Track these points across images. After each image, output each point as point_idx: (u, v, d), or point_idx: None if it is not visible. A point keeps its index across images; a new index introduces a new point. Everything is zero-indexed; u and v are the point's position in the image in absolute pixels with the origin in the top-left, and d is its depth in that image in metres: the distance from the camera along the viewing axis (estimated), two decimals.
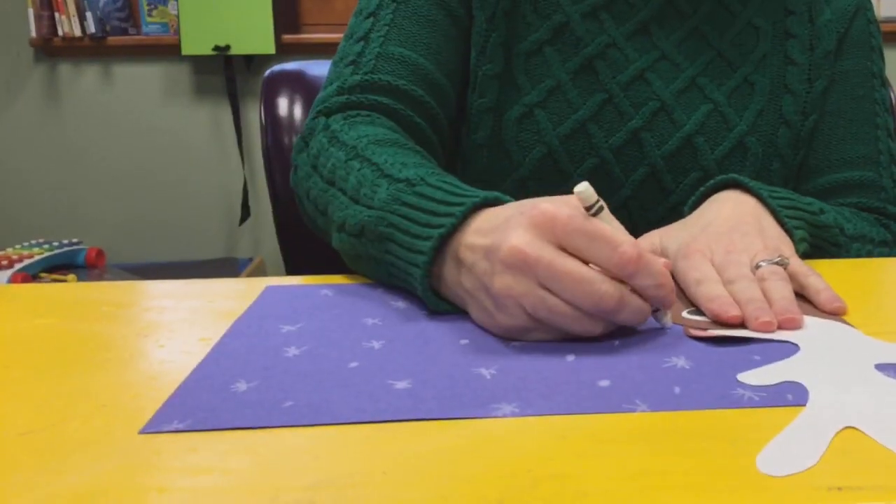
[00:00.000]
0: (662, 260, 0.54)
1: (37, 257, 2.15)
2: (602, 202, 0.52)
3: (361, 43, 0.82)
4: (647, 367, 0.47)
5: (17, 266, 2.09)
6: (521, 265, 0.50)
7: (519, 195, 0.78)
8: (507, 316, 0.52)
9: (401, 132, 0.76)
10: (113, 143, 2.40)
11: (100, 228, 2.44)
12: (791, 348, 0.50)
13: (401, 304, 0.59)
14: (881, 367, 0.47)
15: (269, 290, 0.63)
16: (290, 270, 1.03)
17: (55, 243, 2.25)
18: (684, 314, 0.56)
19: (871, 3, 0.90)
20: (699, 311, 0.57)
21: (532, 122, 0.82)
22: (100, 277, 2.23)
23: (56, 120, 2.39)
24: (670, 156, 0.82)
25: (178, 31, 2.22)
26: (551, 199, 0.53)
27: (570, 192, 0.67)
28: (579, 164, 0.82)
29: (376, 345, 0.51)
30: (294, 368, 0.48)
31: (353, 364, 0.48)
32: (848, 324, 0.54)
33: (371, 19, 0.83)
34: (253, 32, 2.19)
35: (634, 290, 0.51)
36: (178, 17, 2.20)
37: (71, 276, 2.15)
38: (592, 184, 0.74)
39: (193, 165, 2.37)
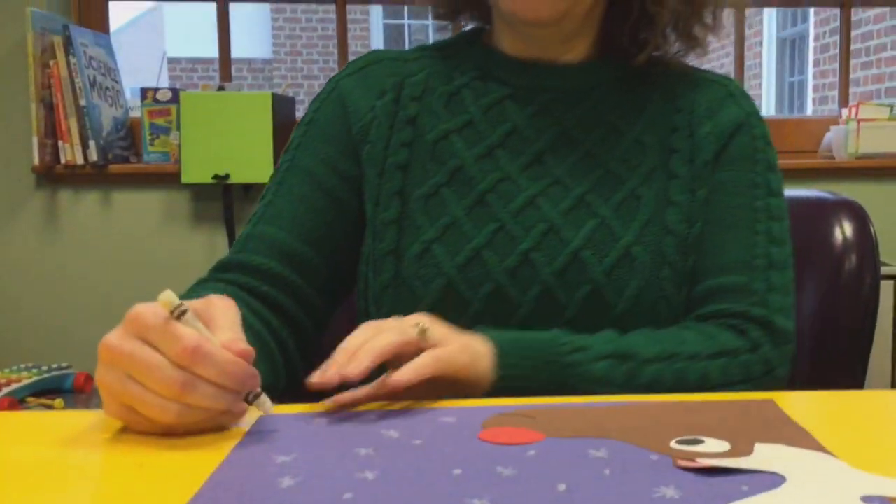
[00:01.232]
0: (238, 348, 0.59)
1: (24, 381, 2.14)
2: (185, 306, 0.59)
3: (247, 225, 0.91)
4: (637, 497, 0.48)
5: (5, 390, 2.07)
6: (110, 358, 0.58)
7: None
8: (107, 406, 0.60)
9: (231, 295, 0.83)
10: (108, 268, 2.42)
11: (89, 352, 2.43)
12: (779, 479, 0.51)
13: (393, 433, 0.60)
14: (867, 500, 0.47)
15: (262, 420, 0.64)
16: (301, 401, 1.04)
17: (43, 367, 2.24)
18: (672, 444, 0.57)
19: (758, 121, 0.93)
20: (688, 442, 0.57)
21: (430, 256, 0.86)
22: (87, 402, 2.21)
23: (53, 245, 2.42)
24: (560, 272, 0.84)
25: (178, 160, 2.28)
26: (146, 304, 0.60)
27: (472, 321, 0.83)
28: (477, 291, 0.85)
29: (370, 475, 0.52)
30: (289, 500, 0.48)
31: (348, 495, 0.49)
32: (833, 455, 0.55)
33: (260, 202, 0.92)
34: (253, 161, 2.25)
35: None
36: (179, 146, 2.26)
37: (58, 401, 2.13)
38: (491, 308, 0.85)
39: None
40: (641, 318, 0.84)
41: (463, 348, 0.72)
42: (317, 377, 0.66)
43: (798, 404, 0.67)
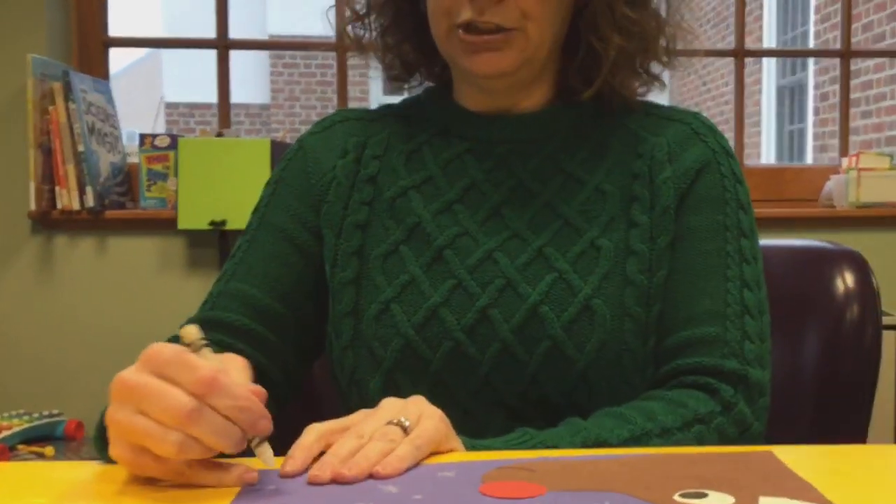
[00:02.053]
0: (252, 387, 0.59)
1: (15, 429, 2.12)
2: (205, 342, 0.59)
3: (217, 282, 0.91)
4: None
5: None
6: (123, 392, 0.58)
7: (388, 388, 0.85)
8: (114, 446, 0.59)
9: None
10: (103, 315, 2.41)
11: (81, 399, 2.41)
12: None
13: (392, 488, 0.59)
14: None
15: (260, 473, 0.62)
16: (280, 451, 1.03)
17: (35, 414, 2.22)
18: (676, 497, 0.56)
19: (726, 158, 0.91)
20: (692, 495, 0.56)
21: (388, 316, 0.85)
22: (78, 449, 2.19)
23: (48, 291, 2.41)
24: (518, 328, 0.83)
25: (175, 206, 2.28)
26: (162, 343, 0.60)
27: (433, 379, 0.83)
28: (436, 349, 0.84)
29: None
30: None
31: None
32: None
33: (230, 259, 0.92)
34: (250, 208, 2.24)
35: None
36: (176, 192, 2.27)
37: (49, 449, 2.11)
38: (452, 366, 0.84)
39: None
40: (605, 372, 0.83)
41: (441, 419, 0.69)
42: (312, 477, 0.61)
43: (800, 458, 0.66)
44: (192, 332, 0.59)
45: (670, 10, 0.92)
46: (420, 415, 0.68)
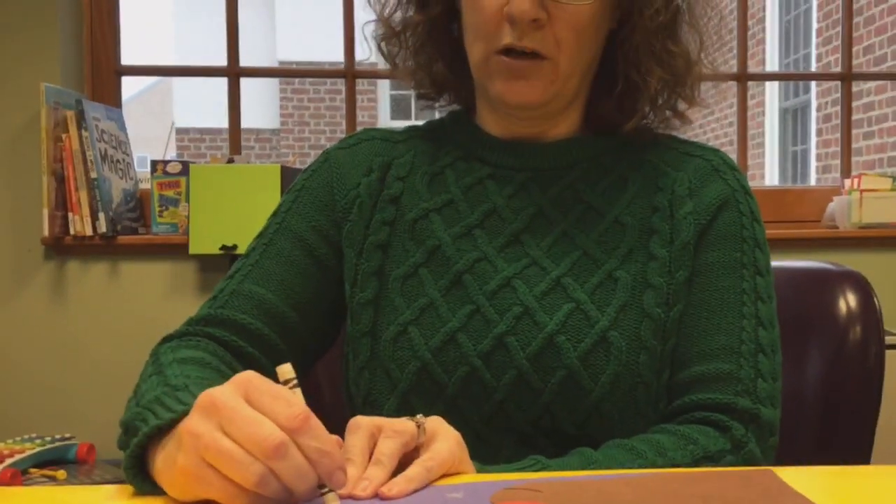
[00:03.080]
0: (335, 438, 0.58)
1: (28, 452, 2.12)
2: (296, 381, 0.58)
3: (228, 280, 0.91)
4: None
5: (8, 461, 2.06)
6: (209, 407, 0.57)
7: (402, 410, 0.84)
8: (184, 455, 0.57)
9: (220, 356, 0.84)
10: (115, 339, 2.42)
11: (93, 422, 2.42)
12: None
13: None
14: None
15: None
16: None
17: (47, 438, 2.22)
18: None
19: (745, 196, 0.91)
20: None
21: (406, 339, 0.86)
22: (90, 473, 2.19)
23: (61, 316, 2.42)
24: (534, 357, 0.83)
25: (186, 232, 2.30)
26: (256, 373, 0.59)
27: (448, 403, 0.84)
28: (452, 374, 0.84)
29: None
30: None
31: None
32: None
33: (244, 259, 0.92)
34: None
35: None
36: (188, 218, 2.28)
37: (61, 472, 2.11)
38: (466, 391, 0.85)
39: None
40: (619, 403, 0.83)
41: (457, 442, 0.70)
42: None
43: (804, 480, 0.66)
44: (289, 370, 0.58)
45: (703, 47, 0.93)
46: (435, 435, 0.68)
